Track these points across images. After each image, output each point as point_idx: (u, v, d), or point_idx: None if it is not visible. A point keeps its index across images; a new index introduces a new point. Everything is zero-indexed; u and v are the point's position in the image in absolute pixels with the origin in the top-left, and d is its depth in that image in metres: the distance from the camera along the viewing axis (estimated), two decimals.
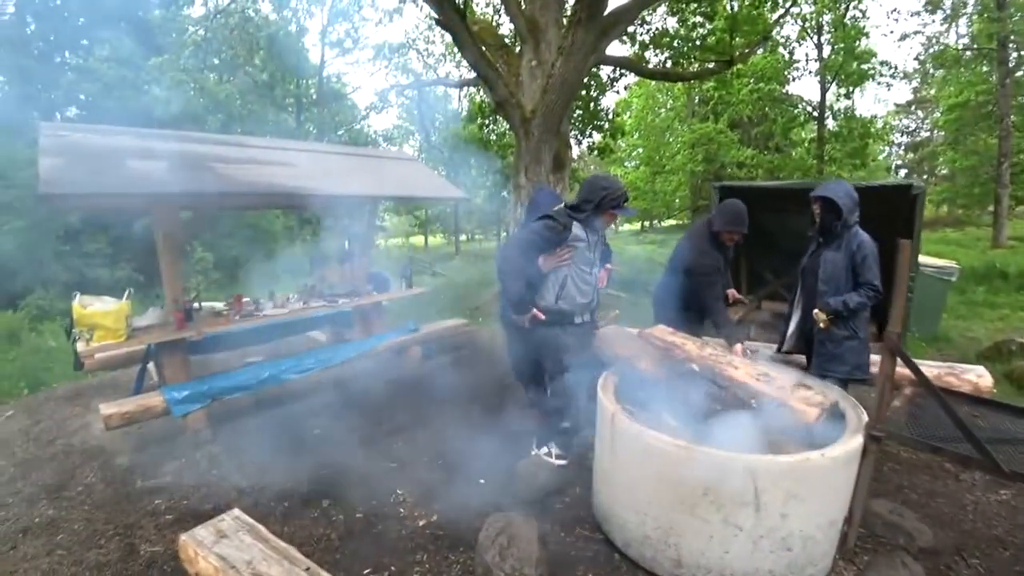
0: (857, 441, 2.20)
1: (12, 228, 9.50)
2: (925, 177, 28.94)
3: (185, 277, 4.36)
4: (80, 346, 3.61)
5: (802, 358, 3.42)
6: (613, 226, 3.76)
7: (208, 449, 3.67)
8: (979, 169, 20.58)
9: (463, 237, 24.99)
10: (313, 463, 3.46)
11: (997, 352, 5.63)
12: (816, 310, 3.10)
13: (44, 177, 2.94)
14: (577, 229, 2.97)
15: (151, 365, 4.39)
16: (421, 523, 2.85)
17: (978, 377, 3.96)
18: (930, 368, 4.10)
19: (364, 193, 4.78)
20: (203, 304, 4.62)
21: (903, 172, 30.88)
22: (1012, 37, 17.23)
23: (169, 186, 3.47)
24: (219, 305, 4.87)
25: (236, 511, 2.31)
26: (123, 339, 3.71)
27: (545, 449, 3.35)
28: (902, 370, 2.39)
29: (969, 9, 20.39)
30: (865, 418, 2.37)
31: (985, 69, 19.23)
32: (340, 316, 5.35)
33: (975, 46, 19.54)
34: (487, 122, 12.74)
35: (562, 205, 3.12)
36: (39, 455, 3.67)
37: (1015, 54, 18.04)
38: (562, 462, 3.28)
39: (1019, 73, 18.40)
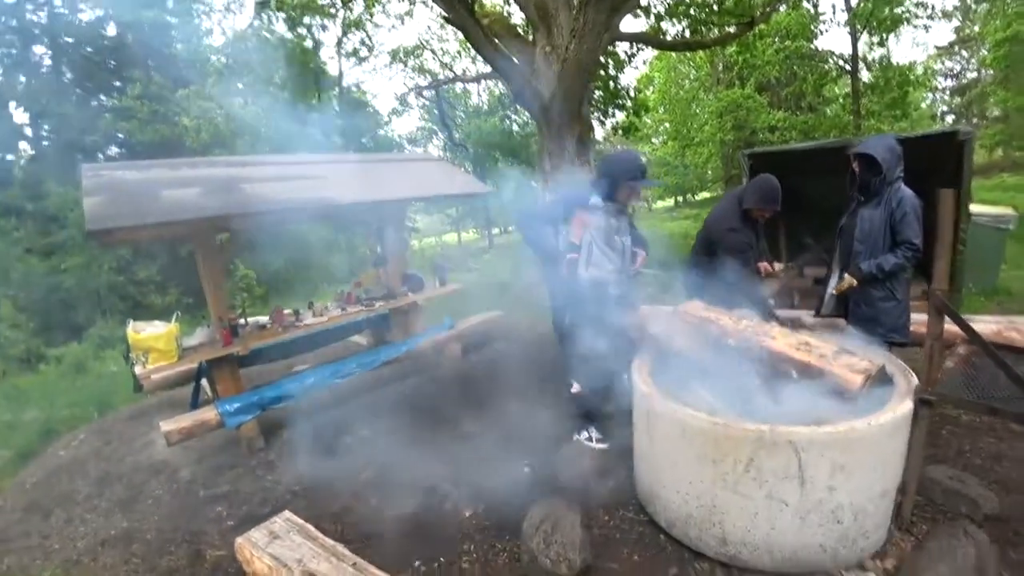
0: (906, 407, 2.11)
1: (70, 265, 10.14)
2: (975, 121, 27.05)
3: (229, 295, 4.56)
4: (138, 369, 3.84)
5: (842, 321, 3.28)
6: (646, 204, 3.76)
7: (262, 456, 3.87)
8: None
9: (495, 231, 25.03)
10: (361, 463, 3.58)
11: None
12: (846, 274, 2.97)
13: (89, 215, 3.14)
14: (594, 223, 3.06)
15: (204, 381, 4.62)
16: (467, 514, 2.92)
17: None
18: (988, 324, 3.87)
19: (389, 198, 4.87)
20: (248, 319, 4.82)
21: (950, 119, 28.94)
22: None
23: (203, 211, 3.63)
24: (264, 319, 5.08)
25: (287, 513, 2.44)
26: (175, 360, 3.92)
27: (585, 434, 3.35)
28: (955, 329, 2.26)
29: None
30: (915, 382, 2.27)
31: None
32: (378, 319, 5.48)
33: None
34: (507, 113, 12.69)
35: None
36: (111, 472, 3.92)
37: None
38: (603, 446, 3.28)
39: None
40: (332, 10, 11.76)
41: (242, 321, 4.60)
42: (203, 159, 4.58)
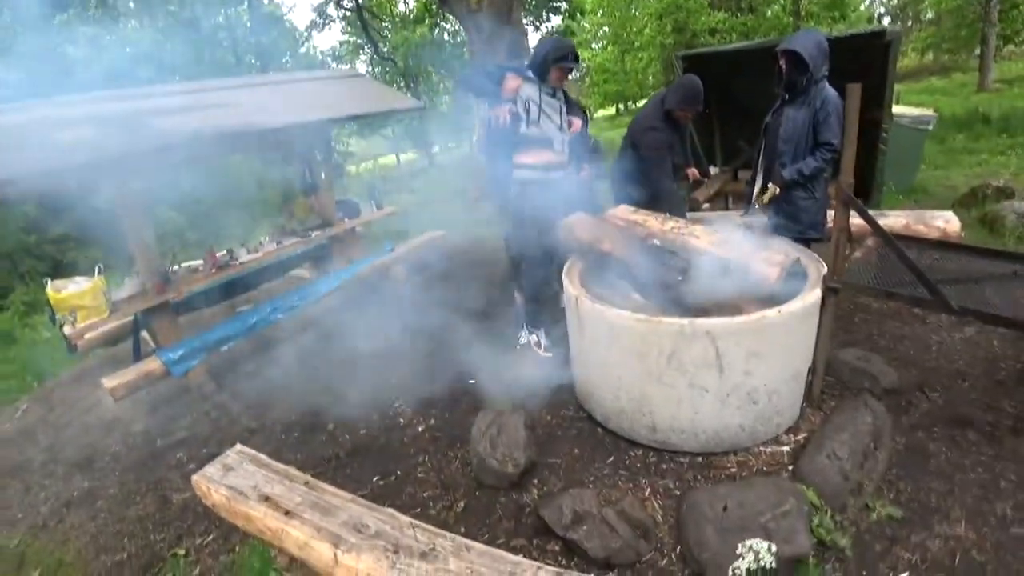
0: (815, 295, 2.26)
1: None
2: (910, 24, 27.47)
3: (158, 242, 4.30)
4: (67, 330, 3.62)
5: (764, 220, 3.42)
6: (588, 113, 3.79)
7: (215, 400, 3.82)
8: (965, 9, 19.42)
9: (435, 149, 24.16)
10: (314, 393, 3.60)
11: (973, 198, 5.66)
12: (770, 183, 3.04)
13: None
14: (529, 90, 3.13)
15: (144, 333, 4.43)
16: (420, 428, 3.04)
17: (946, 223, 4.04)
18: (898, 218, 4.17)
19: (312, 119, 4.55)
20: (180, 265, 4.59)
21: (887, 20, 29.24)
22: None
23: (104, 151, 3.29)
24: (197, 263, 4.84)
25: (238, 446, 2.49)
26: (106, 315, 3.71)
27: (534, 338, 3.45)
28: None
29: None
30: (825, 272, 2.42)
31: None
32: (317, 249, 5.32)
33: None
34: (436, 21, 11.84)
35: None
36: (62, 437, 3.80)
37: None
38: (547, 354, 3.41)
39: None
40: None
41: (173, 268, 4.39)
42: (85, 95, 4.08)
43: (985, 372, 2.89)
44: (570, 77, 3.42)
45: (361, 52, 18.96)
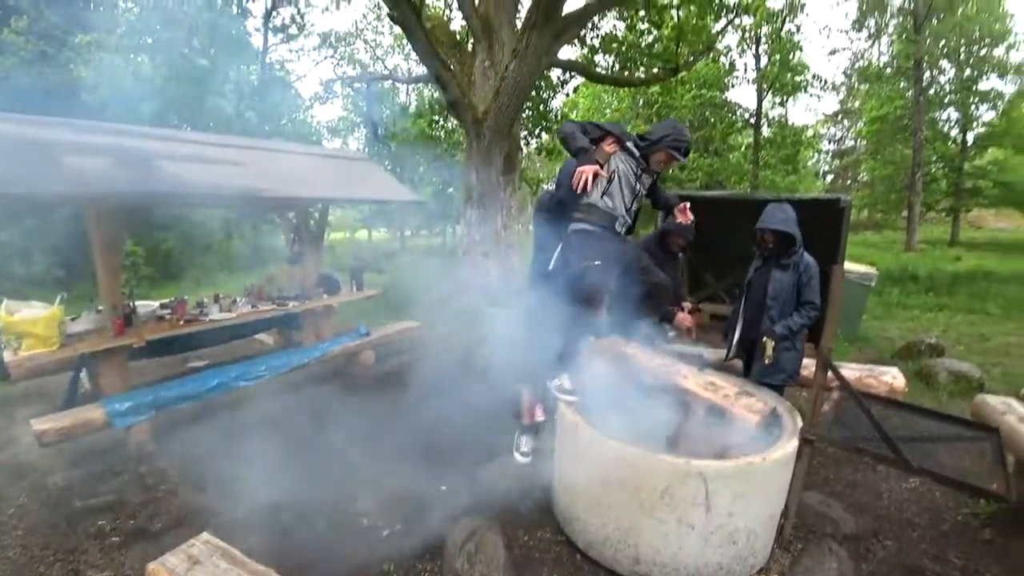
0: (794, 444, 2.43)
1: None
2: (849, 183, 31.10)
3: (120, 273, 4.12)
4: (7, 355, 3.37)
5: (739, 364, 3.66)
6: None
7: (154, 463, 3.50)
8: (895, 177, 22.44)
9: (408, 232, 24.58)
10: (269, 475, 3.35)
11: (909, 351, 6.23)
12: (765, 338, 3.26)
13: None
14: (623, 160, 2.99)
15: (84, 373, 4.14)
16: (385, 532, 2.86)
17: (893, 379, 4.42)
18: (851, 371, 4.52)
19: (318, 196, 4.69)
20: (137, 304, 4.40)
21: (830, 177, 33.04)
22: (926, 58, 18.86)
23: (113, 186, 3.28)
24: (154, 304, 4.65)
25: (206, 535, 2.23)
26: (55, 348, 3.49)
27: (523, 440, 3.40)
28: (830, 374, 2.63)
29: (891, 30, 22.14)
30: (799, 423, 2.60)
31: (903, 85, 20.95)
32: (287, 318, 5.22)
33: (895, 64, 21.23)
34: (437, 119, 12.59)
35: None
36: None
37: (928, 74, 19.75)
38: (526, 460, 3.35)
39: (931, 91, 20.16)
40: None
41: (130, 304, 4.20)
42: (113, 126, 4.09)
43: (931, 522, 3.08)
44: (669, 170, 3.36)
45: (357, 130, 19.73)
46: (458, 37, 9.51)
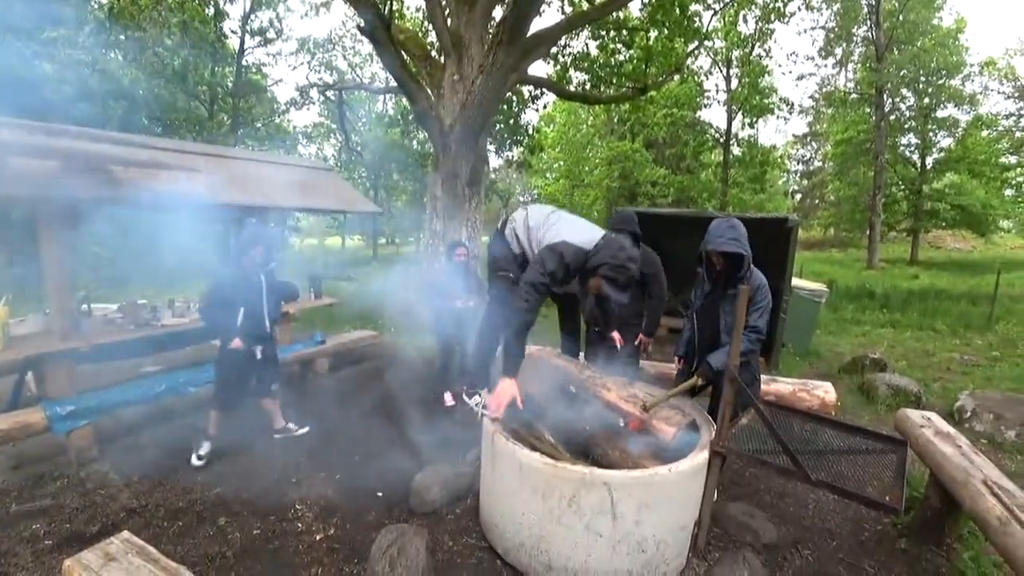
0: (703, 456, 2.53)
1: None
2: (817, 202, 32.08)
3: (74, 276, 4.09)
4: None
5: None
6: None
7: (93, 468, 3.49)
8: (858, 198, 23.29)
9: (381, 240, 24.58)
10: (209, 479, 3.39)
11: (854, 366, 6.45)
12: (697, 375, 3.12)
13: None
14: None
15: (30, 375, 4.09)
16: (318, 537, 2.90)
17: (825, 393, 4.60)
18: (787, 385, 4.70)
19: (272, 206, 4.73)
20: (92, 307, 4.37)
21: (799, 196, 34.03)
22: (888, 86, 19.69)
23: (61, 190, 3.28)
24: (112, 307, 4.61)
25: (125, 533, 2.24)
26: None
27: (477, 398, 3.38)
28: (768, 387, 2.68)
29: (856, 58, 23.08)
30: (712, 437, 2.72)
31: (867, 111, 21.79)
32: None
33: (859, 90, 22.10)
34: (410, 129, 12.69)
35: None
36: None
37: (889, 101, 20.61)
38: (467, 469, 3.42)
39: (892, 117, 21.02)
40: None
41: (85, 307, 4.16)
42: (69, 128, 4.08)
43: (851, 532, 3.20)
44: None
45: (332, 136, 19.74)
46: (430, 48, 9.63)
